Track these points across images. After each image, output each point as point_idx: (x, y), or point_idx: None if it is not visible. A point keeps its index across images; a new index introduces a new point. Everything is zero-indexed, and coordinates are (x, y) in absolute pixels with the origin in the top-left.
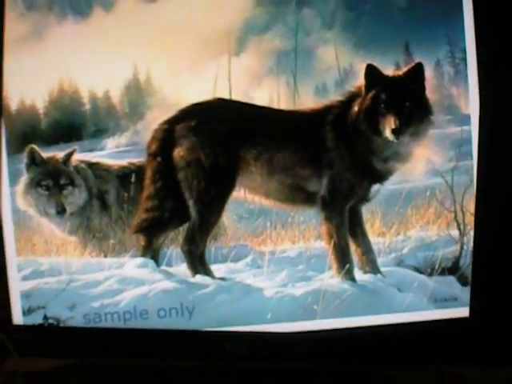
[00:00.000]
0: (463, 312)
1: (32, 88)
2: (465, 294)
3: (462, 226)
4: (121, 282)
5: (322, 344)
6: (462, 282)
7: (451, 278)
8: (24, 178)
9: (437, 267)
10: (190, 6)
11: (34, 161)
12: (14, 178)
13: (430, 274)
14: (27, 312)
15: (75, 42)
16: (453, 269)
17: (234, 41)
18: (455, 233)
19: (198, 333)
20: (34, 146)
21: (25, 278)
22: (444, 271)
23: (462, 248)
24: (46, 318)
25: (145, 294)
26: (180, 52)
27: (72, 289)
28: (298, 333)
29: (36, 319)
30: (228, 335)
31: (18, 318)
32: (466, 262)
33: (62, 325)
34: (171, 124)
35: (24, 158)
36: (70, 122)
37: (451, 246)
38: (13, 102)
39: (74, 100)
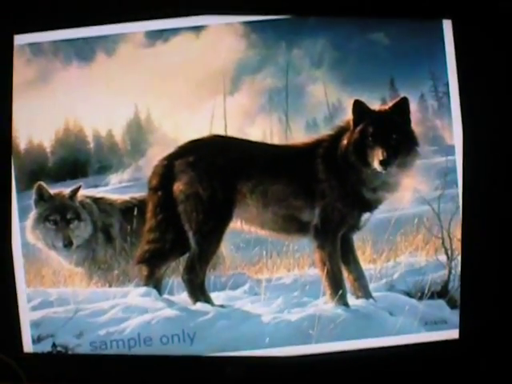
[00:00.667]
0: (453, 334)
1: (39, 128)
2: (454, 316)
3: (449, 252)
4: (125, 311)
5: (318, 367)
6: (452, 305)
7: (441, 302)
8: (33, 214)
9: (426, 291)
10: (186, 49)
11: (42, 197)
12: (23, 214)
13: (420, 298)
14: (37, 340)
15: (80, 85)
16: (442, 292)
17: (228, 81)
18: (443, 258)
19: (200, 358)
20: (42, 183)
21: (34, 308)
22: (433, 295)
23: (450, 272)
24: (54, 345)
25: (148, 321)
26: (178, 92)
27: (79, 317)
28: (294, 357)
29: (45, 347)
30: (228, 360)
31: (28, 346)
32: (455, 285)
33: (69, 352)
34: (171, 160)
35: (32, 195)
36: (76, 160)
37: (440, 270)
38: (21, 142)
39: (79, 139)
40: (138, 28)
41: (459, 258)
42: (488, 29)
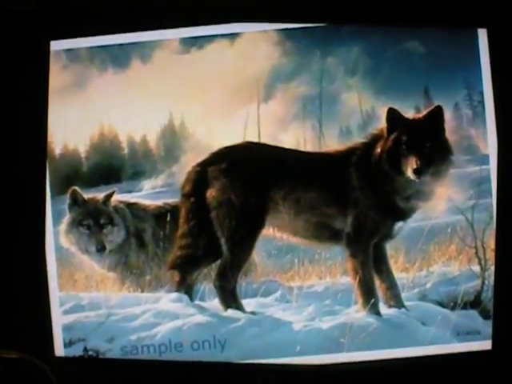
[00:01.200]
0: (486, 345)
1: (74, 133)
2: (487, 327)
3: (482, 262)
4: (156, 316)
5: (349, 376)
6: (484, 315)
7: (473, 312)
8: (66, 218)
9: (459, 301)
10: (221, 56)
11: (76, 201)
12: (57, 218)
13: (453, 308)
14: (68, 344)
15: (115, 91)
16: (475, 303)
17: (262, 88)
18: (476, 268)
19: (230, 365)
20: (76, 188)
21: (66, 312)
22: (466, 305)
23: (483, 282)
24: (85, 350)
25: (179, 327)
26: (212, 99)
27: (111, 322)
28: (325, 365)
29: (76, 351)
30: (258, 367)
31: (59, 350)
32: (488, 296)
33: (101, 356)
34: (204, 166)
35: (67, 199)
36: (110, 165)
37: (473, 280)
38: (56, 147)
39: (113, 144)
40: (173, 35)
41: (492, 268)
42: None
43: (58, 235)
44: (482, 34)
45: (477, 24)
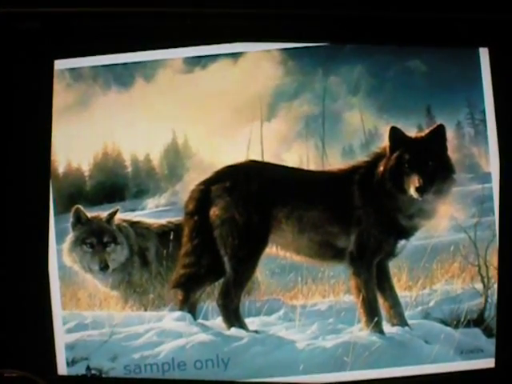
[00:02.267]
0: (489, 363)
1: (78, 152)
2: (490, 345)
3: (485, 280)
4: (160, 335)
5: None
6: (488, 333)
7: (477, 330)
8: (70, 237)
9: (462, 319)
10: (224, 75)
11: (80, 220)
12: (60, 237)
13: (456, 326)
14: (71, 363)
15: (118, 110)
16: (478, 321)
17: (265, 107)
18: (479, 286)
19: (233, 383)
20: (80, 206)
21: (69, 331)
22: (469, 323)
23: (486, 300)
24: (88, 368)
25: (182, 346)
26: (215, 118)
27: (114, 341)
28: None
29: (79, 370)
30: None
31: (62, 369)
32: (491, 314)
33: (104, 375)
34: (207, 185)
35: (70, 218)
36: (113, 184)
37: (476, 298)
38: (60, 165)
39: (116, 163)
40: (177, 54)
41: (495, 286)
42: None
43: (61, 253)
44: (484, 54)
45: (478, 43)
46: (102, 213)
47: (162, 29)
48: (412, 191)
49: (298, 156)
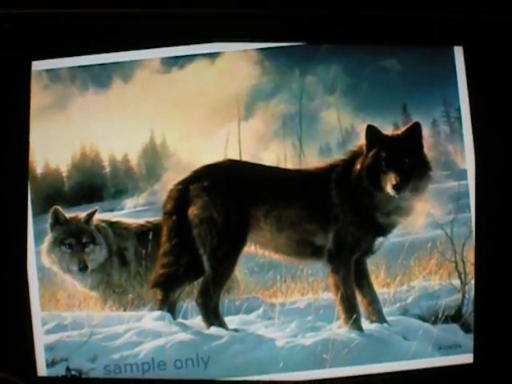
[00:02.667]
0: (467, 358)
1: (56, 153)
2: (468, 340)
3: (463, 276)
4: (139, 335)
5: None
6: (465, 329)
7: (455, 326)
8: (48, 238)
9: (440, 315)
10: (201, 75)
11: (58, 221)
12: (39, 238)
13: (434, 322)
14: (51, 364)
15: (96, 110)
16: (456, 317)
17: (242, 107)
18: (457, 282)
19: (213, 382)
20: (58, 207)
21: (48, 332)
22: (447, 319)
23: (463, 296)
24: (68, 369)
25: (162, 345)
26: (193, 118)
27: (93, 341)
28: (308, 381)
29: (59, 371)
30: None
31: (42, 370)
32: (469, 309)
33: (83, 376)
34: (186, 184)
35: (48, 219)
36: (92, 184)
37: (453, 294)
38: (38, 166)
39: (95, 163)
40: (154, 55)
41: (473, 282)
42: (499, 54)
43: (40, 255)
44: (459, 52)
45: (453, 42)
46: (81, 213)
47: (139, 29)
48: (389, 189)
49: (276, 155)
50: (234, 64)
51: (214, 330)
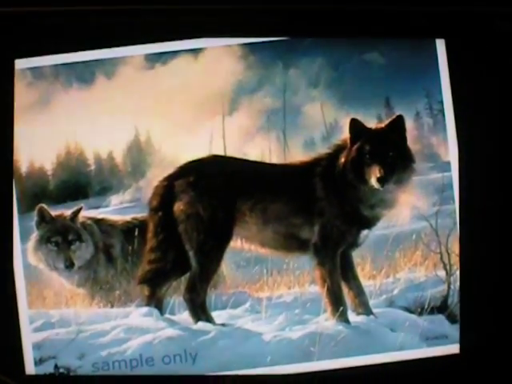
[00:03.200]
0: (454, 349)
1: (40, 151)
2: (454, 331)
3: (447, 267)
4: (127, 331)
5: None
6: (451, 320)
7: (441, 317)
8: (34, 236)
9: (426, 307)
10: (185, 71)
11: (44, 219)
12: (25, 236)
13: (420, 314)
14: (39, 362)
15: (80, 107)
16: (442, 307)
17: (226, 102)
18: (442, 273)
19: (202, 377)
20: (44, 205)
21: (36, 330)
22: (433, 310)
23: (449, 287)
24: (56, 367)
25: (150, 341)
26: (177, 114)
27: (81, 339)
28: (296, 374)
29: (47, 369)
30: (230, 379)
31: (30, 368)
32: (454, 300)
33: (72, 373)
34: (171, 180)
35: (34, 217)
36: (77, 182)
37: (439, 285)
38: (23, 165)
39: (79, 161)
40: (138, 51)
41: (458, 272)
42: (480, 47)
43: (26, 253)
44: (440, 45)
45: (435, 35)
46: (66, 211)
47: (122, 26)
48: (373, 181)
49: (260, 149)
50: (218, 59)
51: (201, 325)
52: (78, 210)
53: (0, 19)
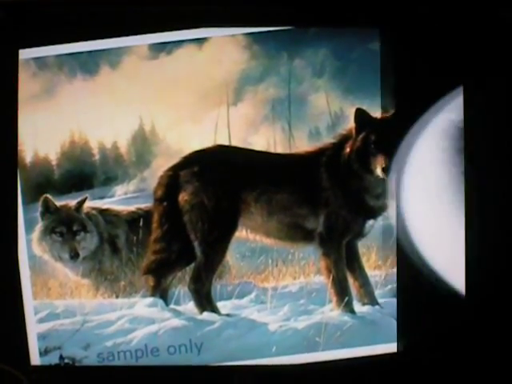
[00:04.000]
0: None
1: (45, 141)
2: None
3: None
4: (132, 322)
5: (326, 375)
6: None
7: None
8: (39, 226)
9: None
10: (189, 60)
11: (48, 209)
12: (29, 226)
13: None
14: (44, 353)
15: (84, 97)
16: None
17: (231, 91)
18: None
19: (207, 368)
20: (48, 196)
21: (41, 321)
22: None
23: None
24: (61, 358)
25: (155, 332)
26: (182, 103)
27: (86, 329)
28: (301, 365)
29: (52, 359)
30: (235, 369)
31: (35, 359)
32: None
33: (77, 364)
34: (175, 170)
35: (39, 207)
36: (81, 172)
37: None
38: (27, 155)
39: (84, 151)
40: (142, 41)
41: None
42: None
43: (31, 243)
44: None
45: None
46: (71, 201)
47: (126, 15)
48: (378, 171)
49: (265, 139)
50: (222, 49)
51: (206, 315)
52: (83, 201)
53: (4, 9)
